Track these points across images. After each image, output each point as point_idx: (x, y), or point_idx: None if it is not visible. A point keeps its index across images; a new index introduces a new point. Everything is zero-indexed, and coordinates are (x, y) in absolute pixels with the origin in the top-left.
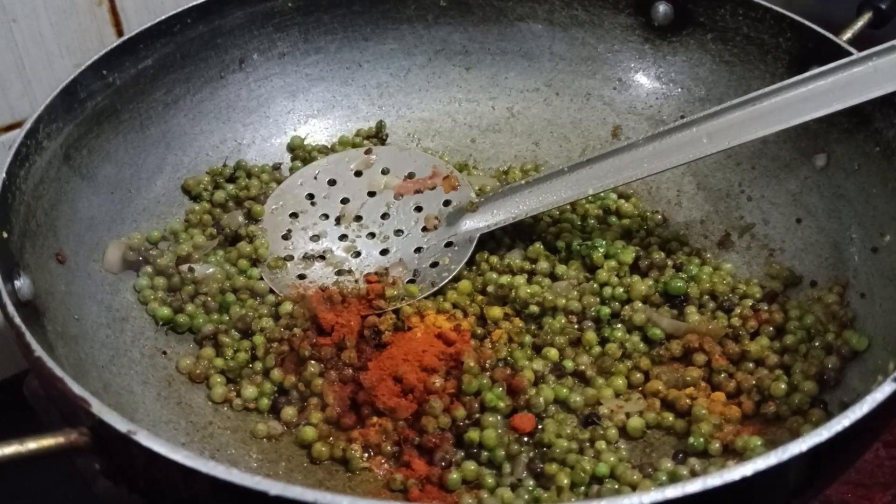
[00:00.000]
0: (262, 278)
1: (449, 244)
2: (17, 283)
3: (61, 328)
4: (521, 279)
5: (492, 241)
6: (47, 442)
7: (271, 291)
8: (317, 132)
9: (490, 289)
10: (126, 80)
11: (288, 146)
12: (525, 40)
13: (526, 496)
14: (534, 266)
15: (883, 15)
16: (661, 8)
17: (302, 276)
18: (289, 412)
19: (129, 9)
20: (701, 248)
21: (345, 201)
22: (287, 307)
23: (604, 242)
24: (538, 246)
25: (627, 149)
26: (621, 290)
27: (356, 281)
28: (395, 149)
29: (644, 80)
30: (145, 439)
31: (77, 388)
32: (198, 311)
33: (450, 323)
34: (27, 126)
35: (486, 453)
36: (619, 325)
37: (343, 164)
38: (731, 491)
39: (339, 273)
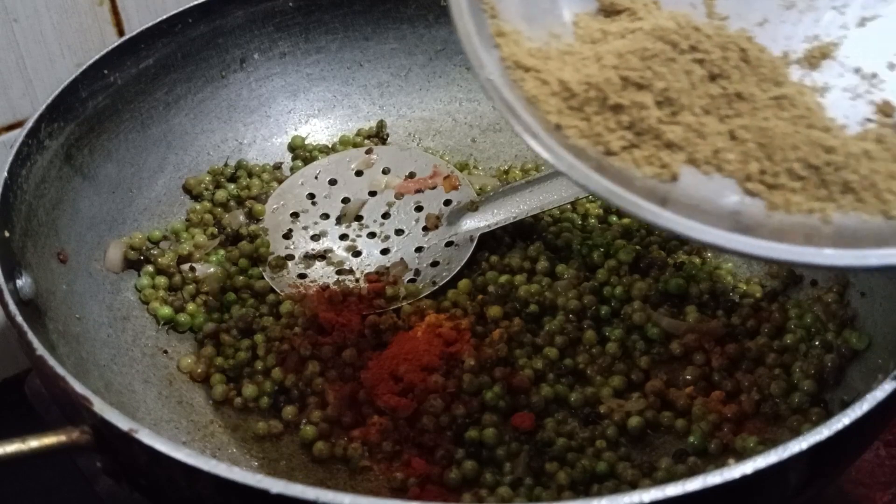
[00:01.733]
0: (262, 278)
1: (449, 243)
2: (19, 282)
3: (63, 327)
4: (521, 278)
5: (492, 241)
6: (49, 440)
7: (272, 291)
8: (318, 132)
9: (490, 288)
10: (127, 80)
11: (289, 146)
12: None
13: (526, 494)
14: (534, 265)
15: None
16: None
17: (303, 276)
18: (289, 411)
19: (130, 8)
20: (701, 247)
21: (345, 201)
22: (288, 306)
23: (604, 241)
24: (538, 245)
25: None
26: (621, 289)
27: (357, 280)
28: (396, 148)
29: None
30: (147, 438)
31: (79, 387)
32: (199, 311)
33: (450, 322)
34: (28, 125)
35: (486, 452)
36: (618, 324)
37: (344, 164)
38: (731, 489)
39: (339, 272)
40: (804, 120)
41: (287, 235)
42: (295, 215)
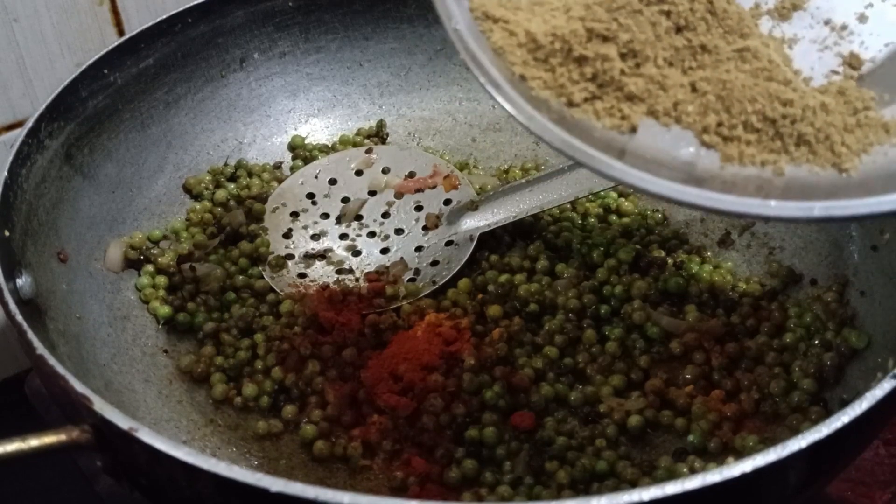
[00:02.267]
0: (262, 277)
1: (449, 243)
2: (19, 282)
3: (63, 326)
4: (521, 277)
5: (492, 240)
6: (49, 439)
7: (272, 290)
8: (317, 131)
9: (490, 287)
10: (127, 80)
11: (289, 145)
12: None
13: (526, 493)
14: (534, 264)
15: None
16: None
17: (302, 275)
18: (289, 410)
19: (130, 8)
20: (701, 247)
21: (345, 200)
22: (287, 306)
23: (604, 241)
24: (538, 244)
25: None
26: (621, 288)
27: (357, 280)
28: (396, 148)
29: None
30: (147, 437)
31: (79, 386)
32: (199, 310)
33: (450, 321)
34: (29, 125)
35: (486, 451)
36: (618, 323)
37: (344, 164)
38: (730, 488)
39: (339, 272)
40: (765, 72)
41: (287, 235)
42: (295, 215)
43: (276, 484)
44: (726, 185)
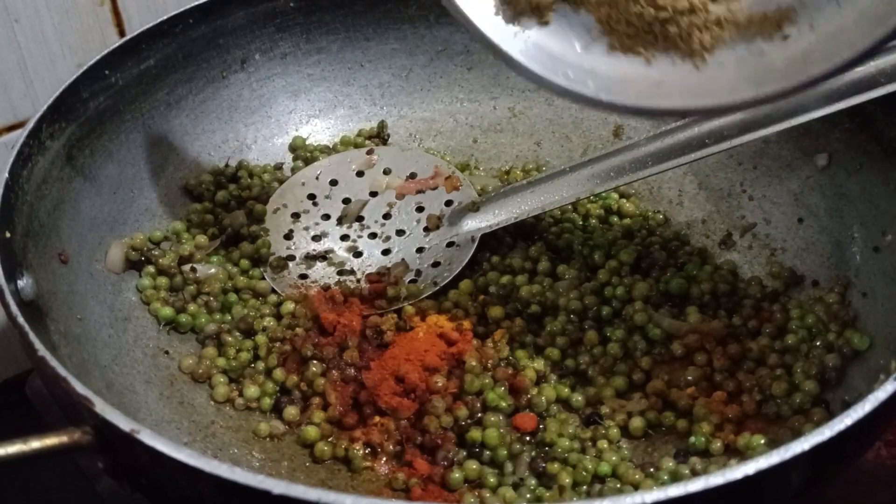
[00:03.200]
0: (263, 278)
1: (451, 244)
2: (21, 283)
3: (64, 328)
4: (522, 279)
5: (493, 241)
6: (51, 441)
7: (273, 291)
8: (319, 132)
9: (491, 288)
10: (128, 81)
11: (290, 146)
12: None
13: (528, 495)
14: (535, 266)
15: None
16: None
17: (304, 276)
18: (291, 412)
19: (131, 9)
20: (702, 248)
21: (346, 201)
22: (289, 307)
23: (605, 242)
24: (540, 245)
25: (629, 149)
26: (622, 289)
27: (358, 281)
28: (397, 149)
29: None
30: (148, 438)
31: (80, 387)
32: (200, 311)
33: (451, 322)
34: (30, 126)
35: (488, 453)
36: (620, 325)
37: (345, 165)
38: (733, 490)
39: (340, 273)
40: None
41: (288, 236)
42: (296, 216)
43: (278, 486)
44: (605, 80)
